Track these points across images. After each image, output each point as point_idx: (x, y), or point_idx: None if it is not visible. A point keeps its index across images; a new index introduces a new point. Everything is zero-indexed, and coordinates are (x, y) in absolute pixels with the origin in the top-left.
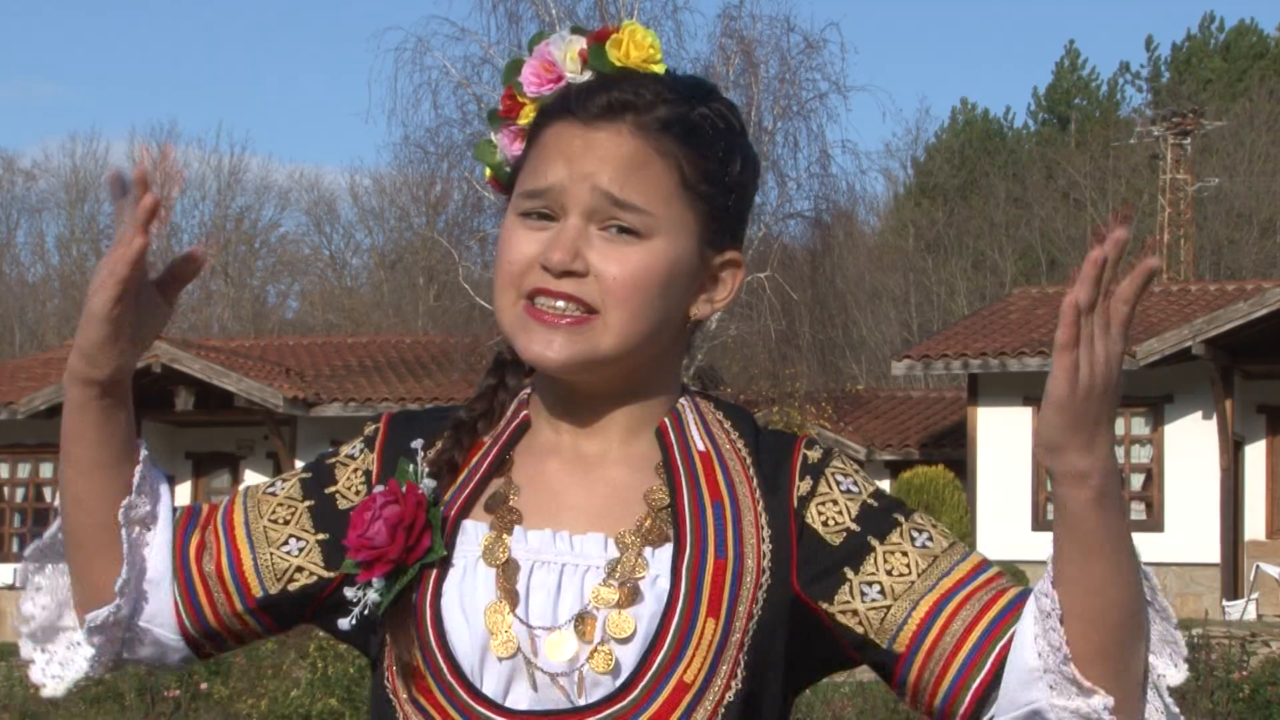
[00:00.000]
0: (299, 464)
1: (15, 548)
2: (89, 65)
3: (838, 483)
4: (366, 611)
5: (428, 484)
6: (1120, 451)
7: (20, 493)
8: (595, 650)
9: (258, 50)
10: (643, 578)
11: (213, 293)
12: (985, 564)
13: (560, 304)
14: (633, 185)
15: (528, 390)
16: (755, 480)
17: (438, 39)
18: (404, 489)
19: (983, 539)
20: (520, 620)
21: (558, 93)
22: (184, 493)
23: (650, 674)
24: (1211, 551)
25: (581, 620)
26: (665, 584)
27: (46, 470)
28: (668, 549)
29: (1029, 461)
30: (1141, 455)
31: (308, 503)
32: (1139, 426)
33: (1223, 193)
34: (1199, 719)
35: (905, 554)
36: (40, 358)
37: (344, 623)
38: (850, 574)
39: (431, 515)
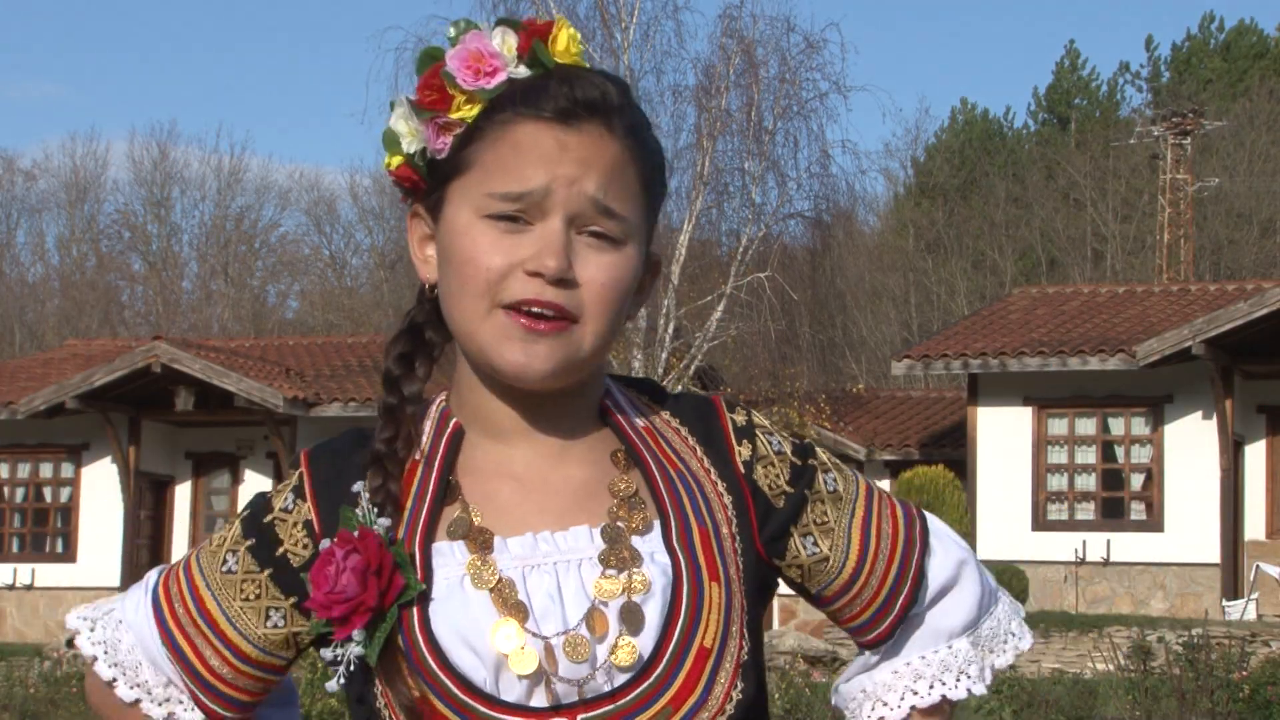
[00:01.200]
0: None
1: (15, 548)
2: (89, 65)
3: (769, 444)
4: (353, 668)
5: (381, 523)
6: (1120, 451)
7: (20, 493)
8: (615, 645)
9: (258, 50)
10: (641, 563)
11: (213, 293)
12: (869, 491)
13: (549, 313)
14: (615, 192)
15: (443, 397)
16: (699, 449)
17: (438, 39)
18: (357, 534)
19: (983, 539)
20: (533, 634)
21: (504, 87)
22: (184, 492)
23: (672, 645)
24: (1211, 551)
25: (590, 617)
26: (664, 558)
27: (46, 470)
28: (654, 530)
29: (1029, 461)
30: (1141, 455)
31: (267, 571)
32: (1139, 426)
33: (1223, 193)
34: (1199, 719)
35: (823, 501)
36: (40, 358)
37: (331, 685)
38: (793, 528)
39: (396, 553)
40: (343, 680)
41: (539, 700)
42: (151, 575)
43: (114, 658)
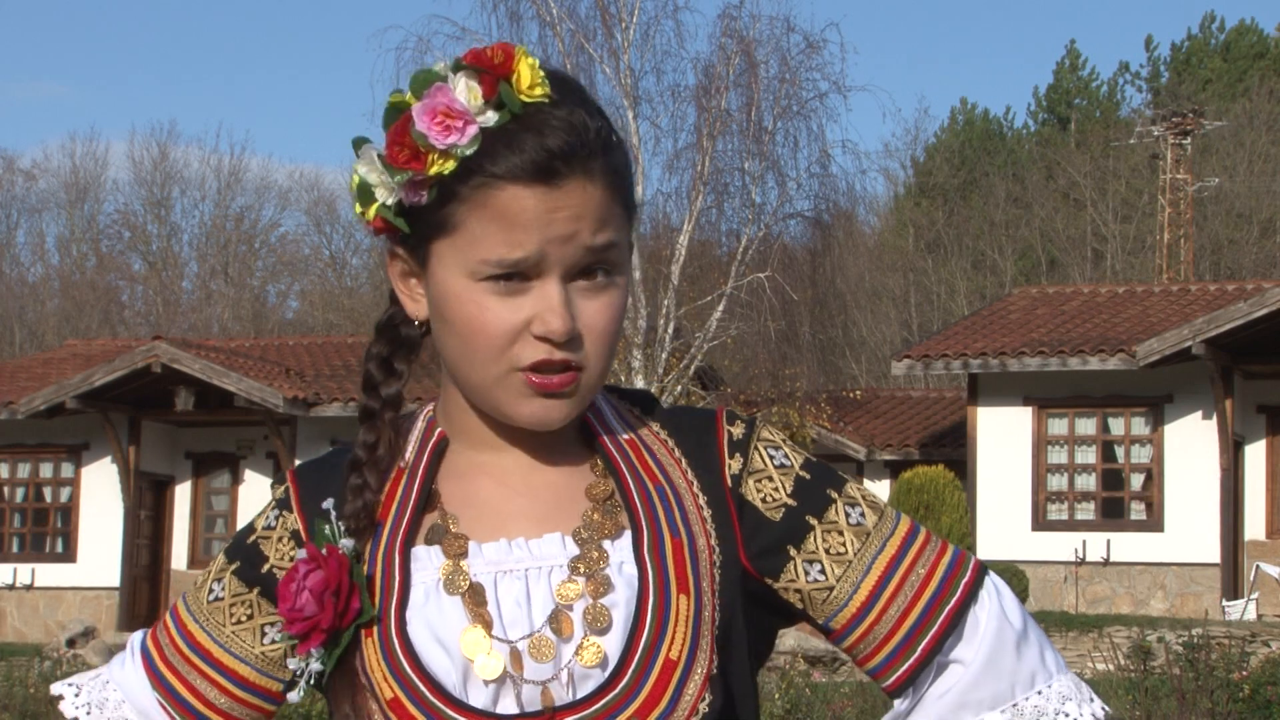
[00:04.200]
0: (298, 461)
1: (15, 548)
2: (89, 65)
3: (770, 457)
4: (311, 682)
5: (345, 544)
6: (1120, 451)
7: (20, 493)
8: (580, 646)
9: (258, 50)
10: (607, 567)
11: (213, 293)
12: (912, 533)
13: (559, 367)
14: (607, 228)
15: (430, 407)
16: (683, 461)
17: (438, 39)
18: (324, 552)
19: (983, 539)
20: (499, 639)
21: (478, 141)
22: (184, 493)
23: (637, 657)
24: (1211, 551)
25: (556, 619)
26: (632, 569)
27: (46, 470)
28: (625, 537)
29: (1029, 461)
30: (1141, 455)
31: (255, 589)
32: (1139, 426)
33: (1223, 193)
34: (1199, 719)
35: (841, 532)
36: (40, 358)
37: (292, 695)
38: (793, 551)
39: (355, 575)
40: (300, 694)
41: (506, 707)
42: (137, 635)
43: (99, 718)
